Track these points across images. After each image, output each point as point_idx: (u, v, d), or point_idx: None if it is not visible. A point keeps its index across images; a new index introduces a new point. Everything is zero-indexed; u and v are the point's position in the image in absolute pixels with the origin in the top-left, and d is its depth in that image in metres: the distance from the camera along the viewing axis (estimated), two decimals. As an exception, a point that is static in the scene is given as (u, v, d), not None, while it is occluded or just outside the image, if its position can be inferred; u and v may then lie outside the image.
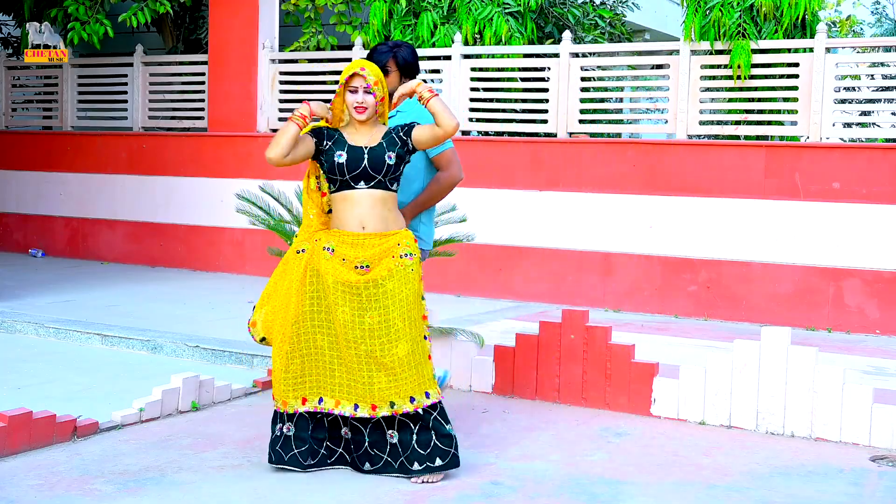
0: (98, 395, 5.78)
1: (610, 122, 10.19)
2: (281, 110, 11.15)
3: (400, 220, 4.39)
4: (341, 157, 4.28)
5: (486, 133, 10.70)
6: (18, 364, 6.62)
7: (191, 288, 10.01)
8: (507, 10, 10.21)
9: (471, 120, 10.17)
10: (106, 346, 7.25)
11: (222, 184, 11.15)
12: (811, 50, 8.81)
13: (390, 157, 4.30)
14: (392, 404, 4.19)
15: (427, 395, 4.23)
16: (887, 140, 9.08)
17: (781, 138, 9.18)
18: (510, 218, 9.71)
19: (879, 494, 4.25)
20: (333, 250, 4.25)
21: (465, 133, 10.25)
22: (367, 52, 4.57)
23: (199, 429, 5.00)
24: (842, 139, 9.13)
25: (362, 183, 4.28)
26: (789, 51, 9.09)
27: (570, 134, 9.69)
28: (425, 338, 4.28)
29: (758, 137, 9.22)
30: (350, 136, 4.36)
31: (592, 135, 10.06)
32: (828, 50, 8.79)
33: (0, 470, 4.26)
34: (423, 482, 4.21)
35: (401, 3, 10.47)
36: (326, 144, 4.33)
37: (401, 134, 4.37)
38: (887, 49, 10.98)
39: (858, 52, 11.81)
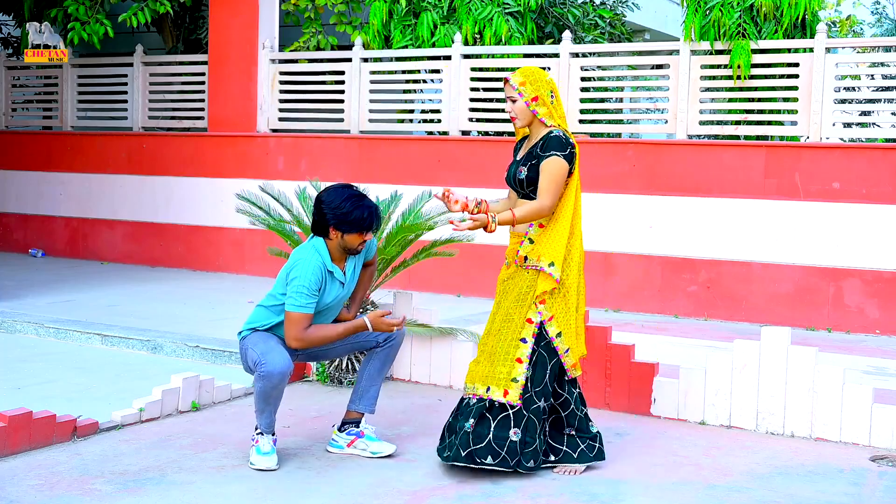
0: (98, 395, 5.78)
1: (610, 122, 10.19)
2: (281, 110, 11.16)
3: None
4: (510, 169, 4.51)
5: (486, 133, 10.70)
6: (18, 364, 6.62)
7: (191, 288, 10.01)
8: (507, 10, 10.22)
9: (471, 120, 10.17)
10: (106, 346, 7.24)
11: (222, 184, 11.16)
12: (811, 50, 8.81)
13: (521, 172, 4.39)
14: (472, 387, 4.39)
15: (488, 389, 4.31)
16: (887, 140, 9.08)
17: (781, 138, 9.18)
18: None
19: (879, 494, 4.26)
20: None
21: (464, 133, 10.25)
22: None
23: (199, 429, 5.00)
24: (842, 139, 9.13)
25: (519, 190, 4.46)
26: (789, 51, 9.09)
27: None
28: (523, 340, 4.31)
29: (758, 137, 9.22)
30: (524, 146, 4.51)
31: (592, 135, 10.06)
32: (828, 50, 8.79)
33: (0, 470, 4.26)
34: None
35: (401, 3, 10.47)
36: None
37: (539, 151, 4.34)
38: (887, 49, 10.98)
39: (858, 52, 11.81)
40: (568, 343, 4.35)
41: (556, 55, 9.76)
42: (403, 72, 10.68)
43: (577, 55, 9.81)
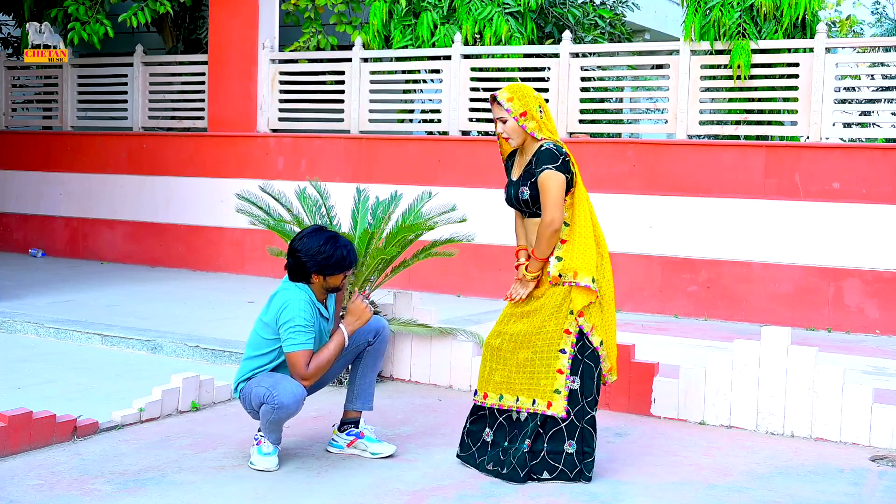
0: (98, 395, 5.78)
1: (610, 122, 10.19)
2: (281, 110, 11.16)
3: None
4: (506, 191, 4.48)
5: (486, 133, 10.70)
6: (18, 364, 6.62)
7: (191, 288, 10.01)
8: (507, 10, 10.22)
9: (471, 120, 10.17)
10: (106, 346, 7.24)
11: (222, 184, 11.15)
12: (811, 50, 8.81)
13: (523, 192, 4.35)
14: (501, 397, 4.36)
15: (534, 402, 4.26)
16: (887, 140, 9.08)
17: (781, 138, 9.18)
18: (510, 218, 9.69)
19: (879, 494, 4.26)
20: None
21: (464, 133, 10.25)
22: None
23: (199, 429, 5.00)
24: (842, 139, 9.13)
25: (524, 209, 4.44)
26: (789, 51, 9.09)
27: (570, 134, 9.69)
28: (562, 351, 4.25)
29: (758, 137, 9.22)
30: (516, 162, 4.46)
31: (592, 135, 10.06)
32: (828, 50, 8.79)
33: (0, 470, 4.26)
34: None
35: (401, 3, 10.47)
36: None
37: (534, 168, 4.30)
38: (887, 49, 10.98)
39: (858, 52, 11.81)
40: (608, 349, 4.32)
41: (556, 55, 9.76)
42: (403, 72, 10.68)
43: (577, 55, 9.81)
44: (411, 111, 11.23)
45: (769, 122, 9.28)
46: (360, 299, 4.46)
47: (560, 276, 4.26)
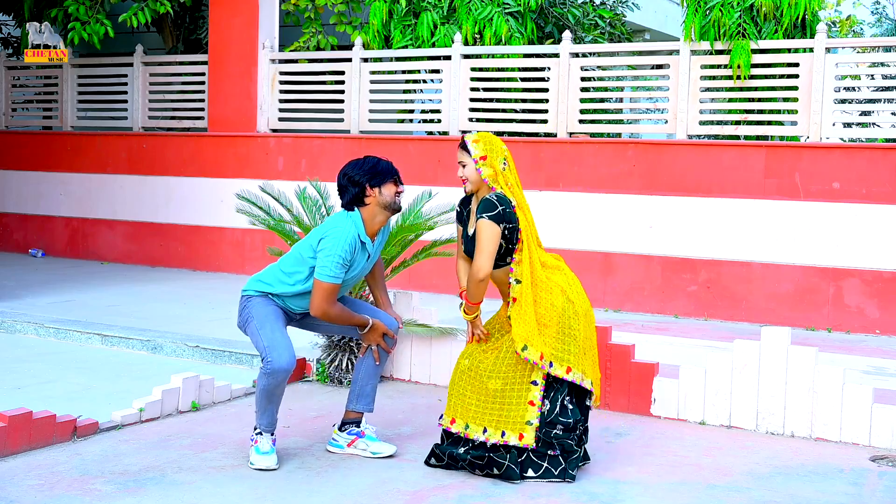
0: (98, 395, 5.78)
1: (610, 122, 10.19)
2: (281, 110, 11.16)
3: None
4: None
5: (486, 133, 10.69)
6: (18, 364, 6.62)
7: (191, 288, 10.01)
8: (507, 10, 10.22)
9: (471, 120, 10.17)
10: (106, 346, 7.25)
11: (222, 184, 11.15)
12: (811, 50, 8.81)
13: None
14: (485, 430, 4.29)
15: (503, 434, 4.22)
16: (887, 140, 9.08)
17: (781, 138, 9.18)
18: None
19: (879, 494, 4.26)
20: None
21: (464, 133, 10.24)
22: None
23: (199, 429, 5.00)
24: (842, 139, 9.14)
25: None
26: (789, 51, 9.09)
27: (570, 134, 9.69)
28: (534, 383, 4.23)
29: (758, 137, 9.23)
30: (471, 211, 4.48)
31: (592, 135, 10.06)
32: (828, 50, 8.79)
33: (0, 470, 4.26)
34: None
35: (401, 3, 10.47)
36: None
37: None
38: (887, 49, 10.98)
39: (858, 52, 11.81)
40: (581, 369, 4.28)
41: (556, 55, 9.76)
42: (403, 72, 10.68)
43: (577, 55, 9.81)
44: (411, 111, 11.23)
45: (769, 122, 9.28)
46: (386, 343, 4.65)
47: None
